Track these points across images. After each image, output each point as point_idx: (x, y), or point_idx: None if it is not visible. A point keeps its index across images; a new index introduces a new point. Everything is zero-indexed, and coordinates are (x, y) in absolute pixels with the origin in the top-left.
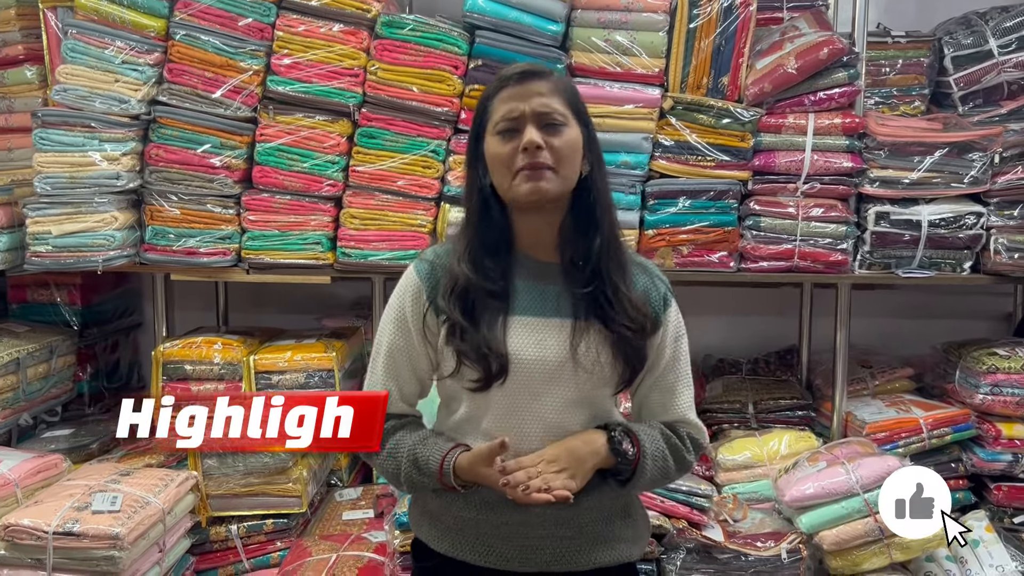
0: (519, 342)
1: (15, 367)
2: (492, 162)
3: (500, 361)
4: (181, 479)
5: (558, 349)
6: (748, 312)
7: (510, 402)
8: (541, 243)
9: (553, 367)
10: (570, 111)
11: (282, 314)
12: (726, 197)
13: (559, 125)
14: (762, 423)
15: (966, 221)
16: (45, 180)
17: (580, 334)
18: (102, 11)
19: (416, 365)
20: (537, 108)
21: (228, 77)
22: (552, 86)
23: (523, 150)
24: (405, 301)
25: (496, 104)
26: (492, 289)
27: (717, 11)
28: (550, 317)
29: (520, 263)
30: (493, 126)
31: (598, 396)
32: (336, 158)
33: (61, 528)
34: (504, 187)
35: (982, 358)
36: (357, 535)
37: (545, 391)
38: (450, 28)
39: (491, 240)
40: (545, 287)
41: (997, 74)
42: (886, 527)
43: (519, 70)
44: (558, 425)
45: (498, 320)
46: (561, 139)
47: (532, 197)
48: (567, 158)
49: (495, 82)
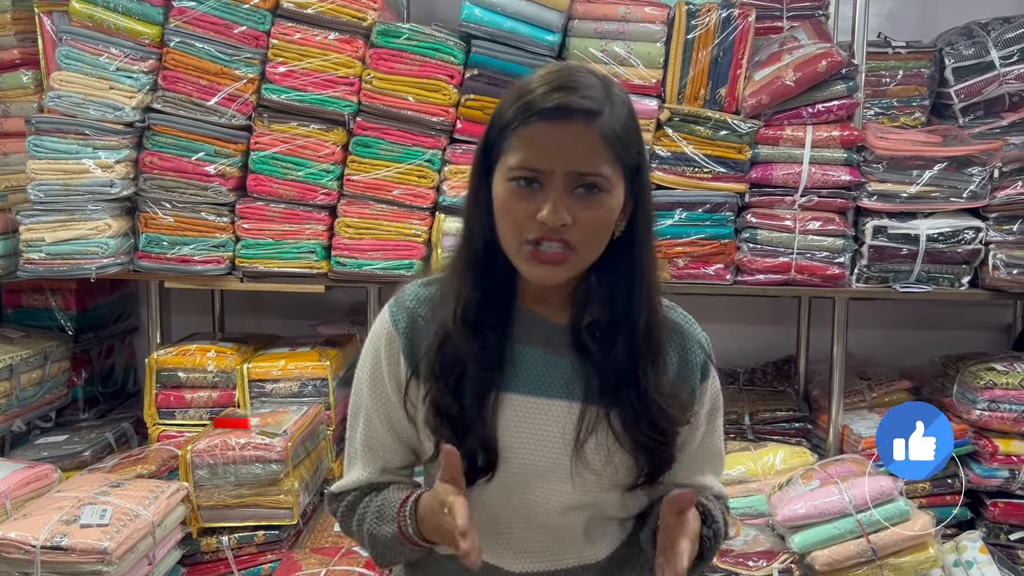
0: (512, 428)
1: (9, 373)
2: (499, 212)
3: (487, 454)
4: (172, 490)
5: (560, 442)
6: (745, 322)
7: (494, 504)
8: (551, 298)
9: (552, 464)
10: (619, 169)
11: (278, 319)
12: (723, 209)
13: (597, 192)
14: (758, 435)
15: (964, 236)
16: (39, 187)
17: (590, 425)
18: (97, 18)
19: (398, 429)
20: (572, 169)
21: (223, 85)
22: (601, 134)
23: (540, 221)
24: (380, 355)
25: (518, 138)
26: (487, 359)
27: (715, 22)
28: (554, 398)
29: (523, 322)
30: (507, 168)
31: (608, 500)
32: (331, 167)
33: (49, 542)
34: (507, 246)
35: (980, 373)
36: (348, 548)
37: (538, 491)
38: (446, 37)
39: (491, 292)
40: (552, 357)
41: (998, 86)
42: (879, 548)
43: (557, 101)
44: (551, 532)
45: (488, 398)
46: (593, 212)
47: (537, 283)
48: (594, 237)
49: (522, 102)
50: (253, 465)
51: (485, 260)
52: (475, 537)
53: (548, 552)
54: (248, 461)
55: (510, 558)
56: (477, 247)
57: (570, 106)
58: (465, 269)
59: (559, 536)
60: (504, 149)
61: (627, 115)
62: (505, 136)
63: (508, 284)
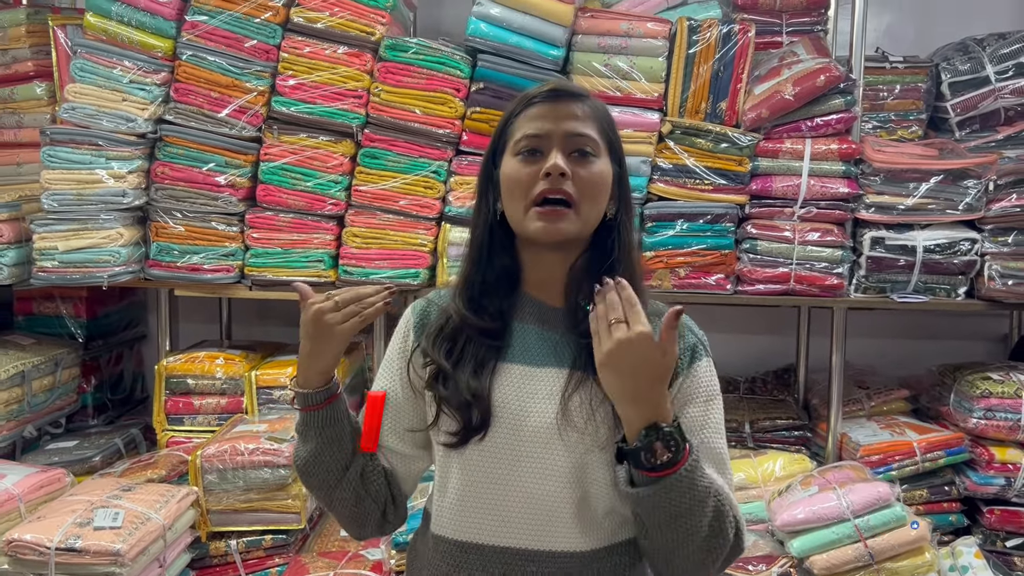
0: (506, 392)
1: (20, 379)
2: (507, 185)
3: (482, 410)
4: (182, 495)
5: (548, 402)
6: (746, 331)
7: (485, 464)
8: (549, 284)
9: (540, 422)
10: (603, 142)
11: (285, 327)
12: (723, 220)
13: (589, 155)
14: (758, 443)
15: (960, 247)
16: (52, 197)
17: (575, 386)
18: (110, 31)
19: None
20: (567, 130)
21: (233, 97)
22: (588, 110)
23: (544, 175)
24: (396, 340)
25: (520, 122)
26: (486, 328)
27: (716, 37)
28: (545, 367)
29: (523, 305)
30: (513, 145)
31: (593, 465)
32: (339, 178)
33: (63, 544)
34: (516, 216)
35: (976, 382)
36: (355, 552)
37: (529, 453)
38: (452, 52)
39: (493, 276)
40: (546, 333)
41: (994, 100)
42: (876, 552)
43: (550, 87)
44: (543, 500)
45: (487, 365)
46: (589, 170)
47: (547, 238)
48: (592, 193)
49: (520, 100)
50: (262, 470)
51: (491, 245)
52: None
53: (534, 528)
54: (257, 466)
55: (495, 530)
56: (484, 234)
57: (562, 89)
58: (472, 255)
59: (548, 511)
60: (509, 135)
61: (605, 108)
62: (510, 125)
63: (511, 269)
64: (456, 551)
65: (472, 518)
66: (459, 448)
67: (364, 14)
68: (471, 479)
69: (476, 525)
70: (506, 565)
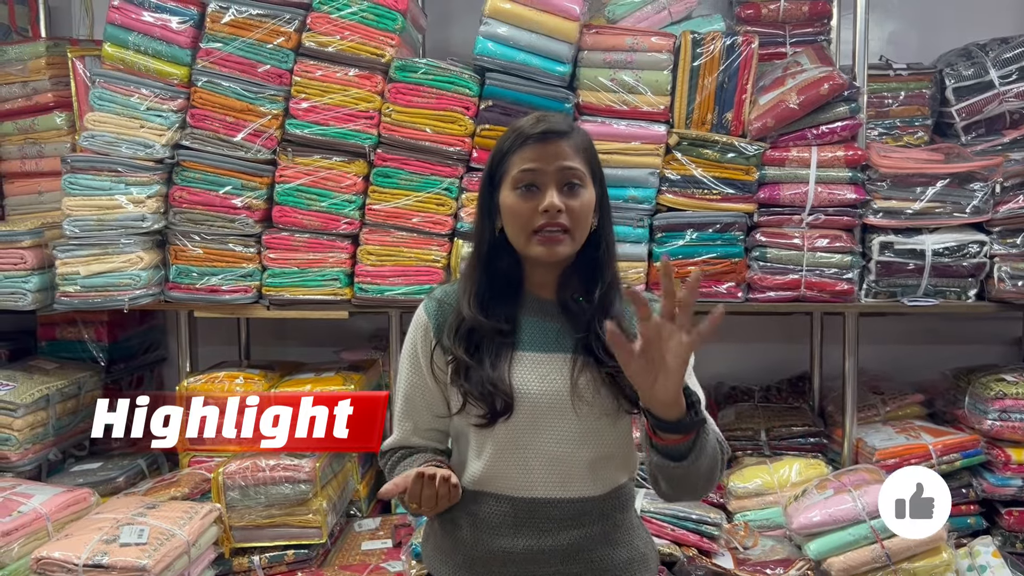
0: (523, 377)
1: (45, 403)
2: (508, 217)
3: (505, 397)
4: (205, 511)
5: (561, 382)
6: (759, 340)
7: (513, 437)
8: (547, 285)
9: (556, 400)
10: (588, 171)
11: (303, 347)
12: (732, 229)
13: (577, 187)
14: (775, 450)
15: (969, 250)
16: (74, 223)
17: (580, 369)
18: (128, 60)
19: (431, 402)
20: (558, 167)
21: (248, 121)
22: (574, 147)
23: (543, 211)
24: (416, 339)
25: (516, 160)
26: (499, 328)
27: (720, 49)
28: (552, 352)
29: (527, 301)
30: (512, 180)
31: (602, 427)
32: (353, 197)
33: (91, 560)
34: (518, 241)
35: (990, 384)
36: (376, 565)
37: (548, 424)
38: (461, 71)
39: (500, 284)
40: (547, 323)
41: (999, 104)
42: (893, 553)
43: (541, 129)
44: (561, 459)
45: (504, 356)
46: (579, 201)
47: (547, 259)
48: (582, 220)
49: (514, 136)
50: (283, 486)
51: (493, 258)
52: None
53: (555, 481)
54: (278, 482)
55: (525, 485)
56: (487, 249)
57: (551, 130)
58: (477, 265)
59: (567, 467)
60: (507, 169)
61: (587, 138)
62: (507, 159)
63: (514, 275)
64: (493, 501)
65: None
66: (488, 427)
67: (374, 37)
68: (503, 447)
69: (510, 481)
70: (533, 510)
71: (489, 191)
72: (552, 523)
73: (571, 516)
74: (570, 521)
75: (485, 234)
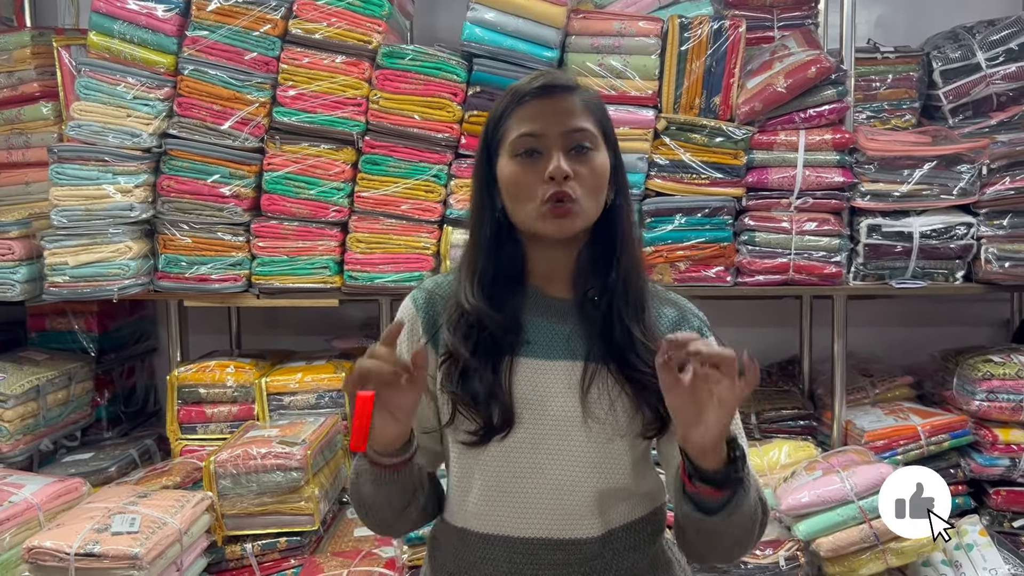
0: (525, 388)
1: (35, 394)
2: (508, 188)
3: (503, 409)
4: (197, 500)
5: (566, 394)
6: (749, 324)
7: (510, 461)
8: (555, 276)
9: (563, 415)
10: (600, 133)
11: (293, 336)
12: (721, 213)
13: (588, 149)
14: (765, 433)
15: (957, 232)
16: (61, 213)
17: (591, 377)
18: (113, 49)
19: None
20: (565, 129)
21: (235, 109)
22: (582, 103)
23: (548, 178)
24: (402, 335)
25: (514, 121)
26: (502, 322)
27: (707, 34)
28: (559, 359)
29: (530, 298)
30: (509, 146)
31: (615, 452)
32: (341, 185)
33: (82, 550)
34: (521, 217)
35: (978, 365)
36: (368, 551)
37: (550, 446)
38: (448, 57)
39: (502, 270)
40: (556, 325)
41: (986, 86)
42: (881, 532)
43: (541, 82)
44: (567, 489)
45: (504, 361)
46: (590, 166)
47: (557, 236)
48: (595, 188)
49: (510, 95)
50: (274, 473)
51: (496, 241)
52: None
53: (559, 517)
54: (269, 470)
55: (521, 522)
56: (488, 231)
57: (553, 83)
58: (478, 250)
59: (572, 500)
60: (504, 134)
61: (597, 96)
62: (503, 123)
63: (517, 263)
64: (482, 543)
65: (498, 512)
66: (479, 447)
67: (361, 23)
68: (496, 474)
69: (502, 518)
70: (532, 555)
71: (487, 165)
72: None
73: (577, 562)
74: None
75: (485, 214)
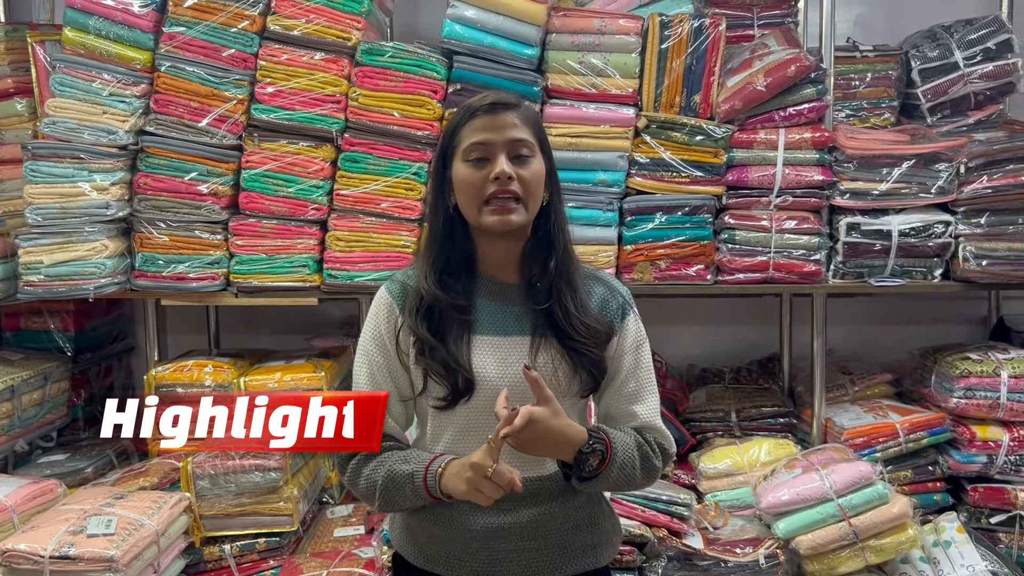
0: (482, 361)
1: (10, 394)
2: (461, 188)
3: (466, 378)
4: (174, 501)
5: (518, 364)
6: (730, 322)
7: (473, 419)
8: (503, 265)
9: (514, 381)
10: (536, 142)
11: (273, 335)
12: (701, 212)
13: (527, 157)
14: (745, 431)
15: (935, 230)
16: (36, 211)
17: (538, 349)
18: (89, 45)
19: (397, 383)
20: (508, 138)
21: (213, 106)
22: (522, 118)
23: (494, 179)
24: (380, 320)
25: (466, 132)
26: (457, 305)
27: (687, 32)
28: (511, 336)
29: (482, 284)
30: (463, 153)
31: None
32: (321, 182)
33: (57, 552)
34: (472, 213)
35: (955, 363)
36: (348, 552)
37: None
38: (428, 54)
39: (455, 260)
40: (506, 307)
41: (963, 85)
42: (860, 530)
43: (490, 100)
44: None
45: (463, 338)
46: (529, 171)
47: (500, 228)
48: (533, 189)
49: (464, 110)
50: (253, 474)
51: (449, 235)
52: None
53: (519, 461)
54: (248, 470)
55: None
56: (441, 226)
57: (499, 102)
58: (433, 243)
59: None
60: (458, 142)
61: (535, 112)
62: (457, 133)
63: (468, 254)
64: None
65: (464, 454)
66: (449, 410)
67: (340, 20)
68: (462, 428)
69: None
70: None
71: (442, 168)
72: (510, 501)
73: (529, 494)
74: (529, 499)
75: (439, 210)
